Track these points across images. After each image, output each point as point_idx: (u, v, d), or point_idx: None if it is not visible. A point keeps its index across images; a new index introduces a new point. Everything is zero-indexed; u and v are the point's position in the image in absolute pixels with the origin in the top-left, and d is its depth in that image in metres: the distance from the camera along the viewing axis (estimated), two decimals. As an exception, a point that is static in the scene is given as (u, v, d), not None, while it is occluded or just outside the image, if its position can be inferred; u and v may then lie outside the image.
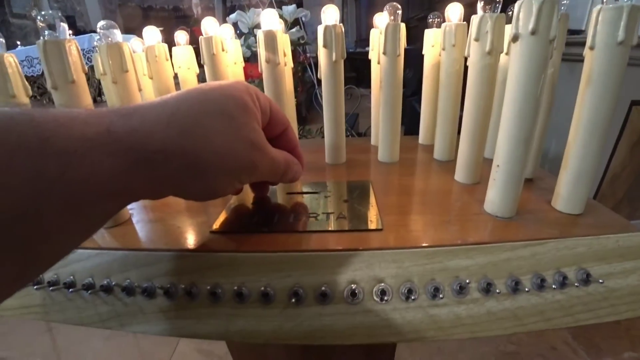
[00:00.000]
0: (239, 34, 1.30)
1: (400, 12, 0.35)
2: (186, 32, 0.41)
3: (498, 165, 0.24)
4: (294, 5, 1.22)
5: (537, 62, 0.20)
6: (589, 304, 0.21)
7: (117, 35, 0.33)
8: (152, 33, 0.38)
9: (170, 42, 0.41)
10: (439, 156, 0.39)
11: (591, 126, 0.23)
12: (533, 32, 0.20)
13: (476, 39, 0.27)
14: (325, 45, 0.35)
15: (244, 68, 0.46)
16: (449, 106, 0.37)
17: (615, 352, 1.02)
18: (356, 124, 1.57)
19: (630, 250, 0.22)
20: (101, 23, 0.33)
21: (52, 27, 0.27)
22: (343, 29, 0.36)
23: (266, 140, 0.23)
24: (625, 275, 0.22)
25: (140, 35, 0.40)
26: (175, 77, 0.41)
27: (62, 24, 0.26)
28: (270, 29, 0.34)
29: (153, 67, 0.39)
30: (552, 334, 1.05)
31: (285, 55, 0.35)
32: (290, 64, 0.37)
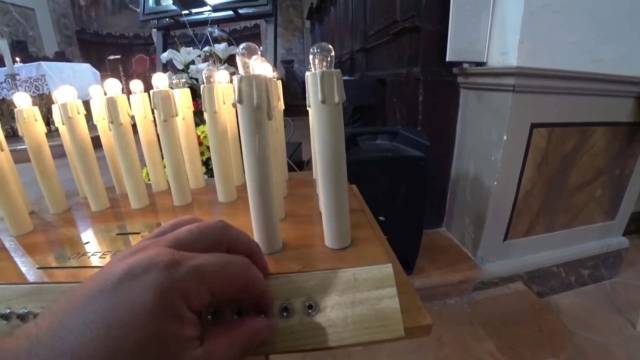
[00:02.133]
0: (173, 71, 1.35)
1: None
2: (145, 61, 0.44)
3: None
4: (225, 44, 1.29)
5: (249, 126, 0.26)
6: (312, 331, 0.25)
7: None
8: (112, 85, 0.42)
9: (127, 69, 0.44)
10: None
11: (323, 172, 0.28)
12: (240, 102, 0.25)
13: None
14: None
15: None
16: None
17: (539, 358, 1.08)
18: (297, 153, 1.63)
19: (363, 283, 0.27)
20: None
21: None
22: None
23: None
24: (354, 306, 0.26)
25: (96, 64, 0.43)
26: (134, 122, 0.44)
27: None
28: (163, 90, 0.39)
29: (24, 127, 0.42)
30: (478, 346, 1.10)
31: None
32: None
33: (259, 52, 0.26)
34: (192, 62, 1.24)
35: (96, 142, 0.46)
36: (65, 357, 0.14)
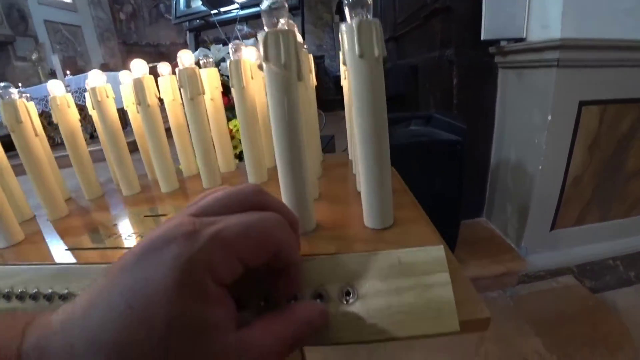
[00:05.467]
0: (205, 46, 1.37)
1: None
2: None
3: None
4: (253, 39, 1.30)
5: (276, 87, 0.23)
6: (349, 322, 0.22)
7: (14, 94, 0.38)
8: (139, 65, 0.41)
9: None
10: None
11: (363, 139, 0.24)
12: (266, 59, 0.22)
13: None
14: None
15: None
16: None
17: None
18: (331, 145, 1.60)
19: (410, 267, 0.23)
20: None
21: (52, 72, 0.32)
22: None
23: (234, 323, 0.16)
24: (399, 293, 0.22)
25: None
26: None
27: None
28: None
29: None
30: (523, 343, 1.03)
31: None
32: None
33: (286, 6, 0.23)
34: (223, 60, 1.25)
35: (132, 147, 0.46)
36: (94, 336, 0.14)
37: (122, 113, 0.50)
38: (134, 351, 0.14)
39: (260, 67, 0.23)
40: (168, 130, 0.44)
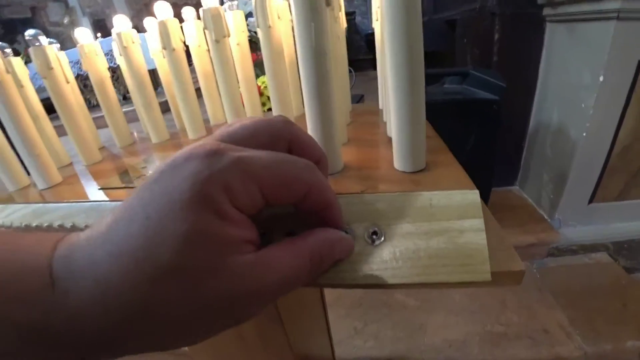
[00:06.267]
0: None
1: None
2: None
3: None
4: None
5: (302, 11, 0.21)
6: (375, 264, 0.21)
7: (43, 40, 0.39)
8: (163, 7, 0.40)
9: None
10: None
11: (395, 68, 0.22)
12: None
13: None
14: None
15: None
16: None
17: (617, 339, 0.94)
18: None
19: (442, 210, 0.22)
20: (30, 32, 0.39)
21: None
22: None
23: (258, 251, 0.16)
24: (429, 237, 0.21)
25: None
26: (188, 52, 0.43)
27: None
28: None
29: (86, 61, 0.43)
30: (547, 314, 1.01)
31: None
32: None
33: None
34: (250, 15, 1.21)
35: (164, 107, 0.46)
36: (114, 247, 0.14)
37: (153, 74, 0.49)
38: (149, 260, 0.14)
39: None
40: (198, 90, 0.43)
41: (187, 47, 0.42)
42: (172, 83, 0.41)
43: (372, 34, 0.37)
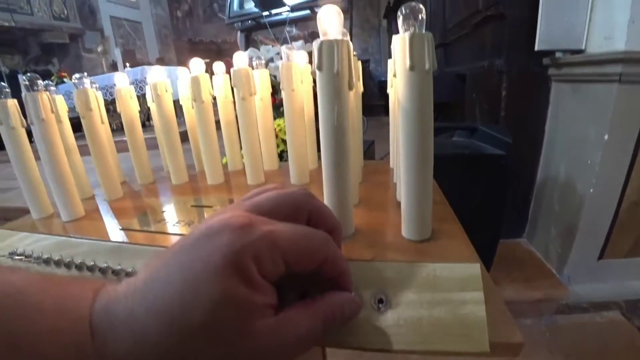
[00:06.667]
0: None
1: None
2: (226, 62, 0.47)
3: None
4: (301, 41, 1.33)
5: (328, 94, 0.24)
6: (380, 329, 0.22)
7: (87, 84, 0.43)
8: (197, 64, 0.44)
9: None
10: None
11: (407, 149, 0.24)
12: (319, 68, 0.23)
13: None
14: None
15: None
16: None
17: None
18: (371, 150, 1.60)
19: (445, 282, 0.23)
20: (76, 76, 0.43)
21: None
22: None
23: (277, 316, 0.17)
24: (431, 307, 0.22)
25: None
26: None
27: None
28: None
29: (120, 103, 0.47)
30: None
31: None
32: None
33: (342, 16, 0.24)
34: (272, 60, 1.30)
35: (184, 137, 0.49)
36: (151, 304, 0.16)
37: (176, 103, 0.53)
38: (184, 318, 0.15)
39: (313, 73, 0.24)
40: (217, 122, 0.47)
41: (214, 97, 0.46)
42: (198, 132, 0.45)
43: (385, 81, 0.39)
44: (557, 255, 1.24)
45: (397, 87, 0.24)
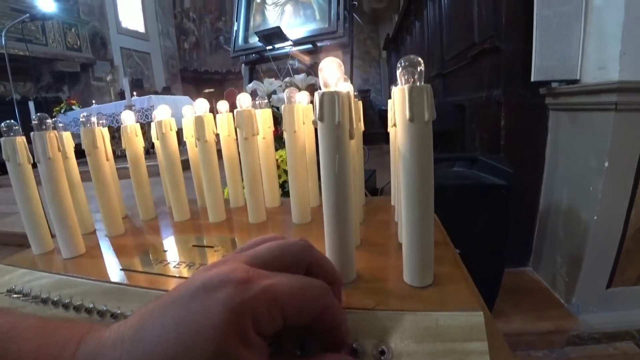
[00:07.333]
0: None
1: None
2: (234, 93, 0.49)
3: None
4: (304, 74, 1.37)
5: (329, 144, 0.24)
6: None
7: (94, 122, 0.44)
8: (201, 104, 0.45)
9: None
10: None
11: (408, 199, 0.25)
12: (320, 119, 0.24)
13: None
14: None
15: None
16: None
17: None
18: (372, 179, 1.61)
19: (447, 331, 0.23)
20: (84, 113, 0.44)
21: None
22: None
23: None
24: (434, 358, 0.22)
25: (194, 97, 0.49)
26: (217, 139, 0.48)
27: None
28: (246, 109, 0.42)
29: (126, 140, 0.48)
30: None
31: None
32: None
33: (342, 69, 0.25)
34: (274, 92, 1.34)
35: (185, 165, 0.50)
36: (139, 354, 0.15)
37: (179, 132, 0.54)
38: None
39: (314, 123, 0.25)
40: (219, 151, 0.47)
41: (217, 135, 0.47)
42: (201, 170, 0.45)
43: (385, 110, 0.40)
44: (565, 284, 1.21)
45: (397, 136, 0.25)
